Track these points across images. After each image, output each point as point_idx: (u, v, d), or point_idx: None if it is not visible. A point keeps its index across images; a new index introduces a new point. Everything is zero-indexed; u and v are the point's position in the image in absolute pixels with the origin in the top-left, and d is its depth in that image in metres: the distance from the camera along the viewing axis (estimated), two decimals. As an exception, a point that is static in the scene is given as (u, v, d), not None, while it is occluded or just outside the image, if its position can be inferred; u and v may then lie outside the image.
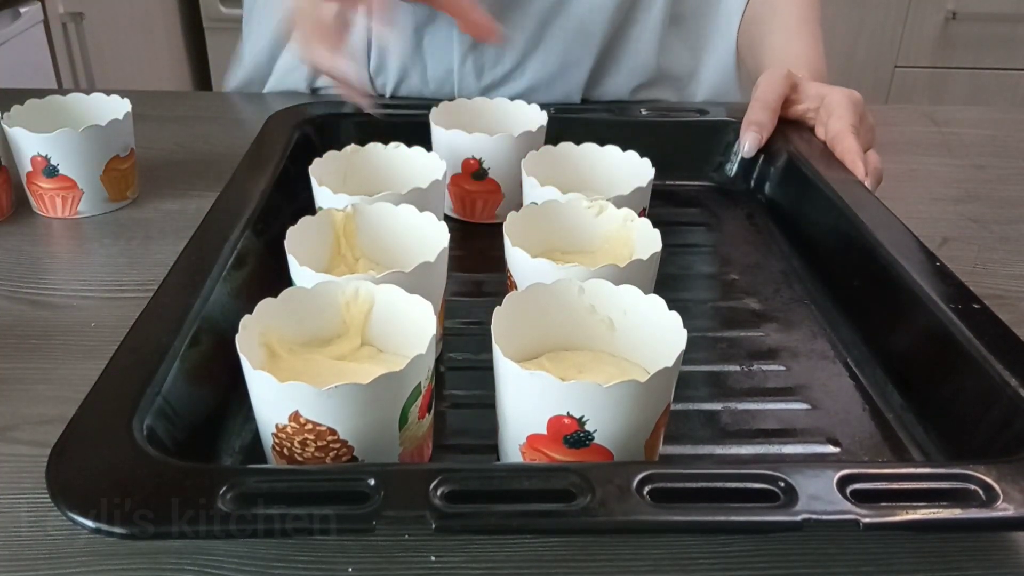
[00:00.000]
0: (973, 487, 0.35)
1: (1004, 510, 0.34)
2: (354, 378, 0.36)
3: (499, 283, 0.53)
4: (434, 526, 0.33)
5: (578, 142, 0.62)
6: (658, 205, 0.63)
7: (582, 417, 0.37)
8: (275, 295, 0.42)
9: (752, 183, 0.72)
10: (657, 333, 0.42)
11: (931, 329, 0.46)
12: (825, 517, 0.33)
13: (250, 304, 0.41)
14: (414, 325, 0.41)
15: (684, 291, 0.59)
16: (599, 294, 0.44)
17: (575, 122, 0.71)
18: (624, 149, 0.61)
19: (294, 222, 0.48)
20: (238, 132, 0.79)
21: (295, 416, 0.37)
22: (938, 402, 0.45)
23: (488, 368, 0.41)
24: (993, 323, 0.45)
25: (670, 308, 0.42)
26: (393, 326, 0.44)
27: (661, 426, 0.40)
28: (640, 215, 0.55)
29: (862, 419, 0.46)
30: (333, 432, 0.37)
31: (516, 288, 0.48)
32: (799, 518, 0.33)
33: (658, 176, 0.58)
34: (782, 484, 0.35)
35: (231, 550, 0.37)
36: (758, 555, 0.38)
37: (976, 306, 0.46)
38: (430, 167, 0.58)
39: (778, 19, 0.83)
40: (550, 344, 0.45)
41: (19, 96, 0.90)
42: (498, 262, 0.52)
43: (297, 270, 0.45)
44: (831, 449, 0.45)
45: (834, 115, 0.67)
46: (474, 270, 0.60)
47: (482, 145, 0.63)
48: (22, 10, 1.55)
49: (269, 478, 0.36)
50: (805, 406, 0.47)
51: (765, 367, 0.51)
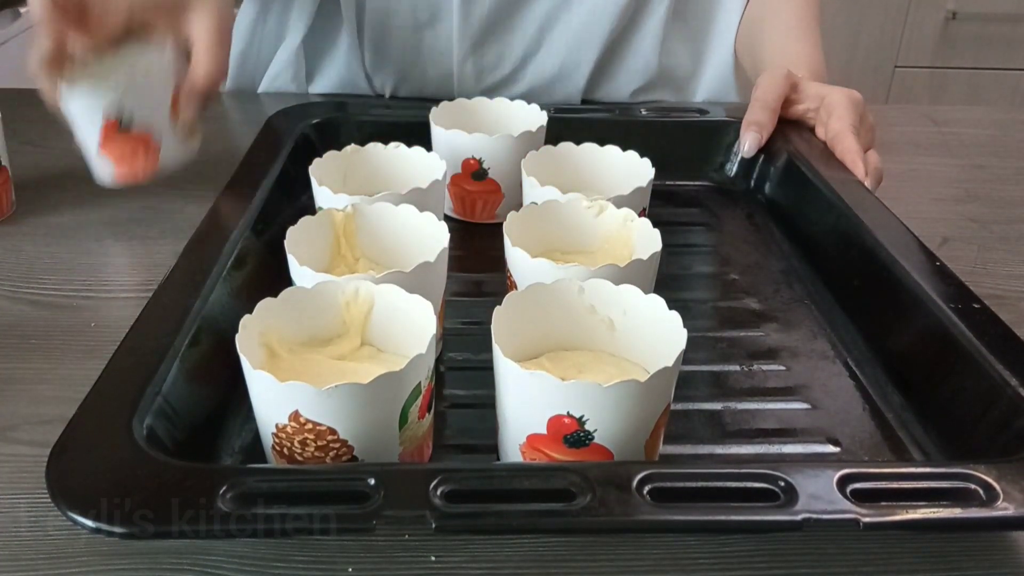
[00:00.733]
0: (973, 487, 0.35)
1: (1004, 510, 0.34)
2: (354, 378, 0.36)
3: (499, 283, 0.53)
4: (434, 526, 0.33)
5: (578, 142, 0.62)
6: (658, 205, 0.63)
7: (582, 417, 0.37)
8: (275, 295, 0.42)
9: (752, 183, 0.72)
10: (657, 333, 0.42)
11: (931, 329, 0.46)
12: (825, 517, 0.33)
13: (250, 304, 0.41)
14: (414, 325, 0.41)
15: (684, 291, 0.59)
16: (599, 294, 0.44)
17: (575, 122, 0.71)
18: (624, 149, 0.61)
19: (294, 222, 0.48)
20: (238, 132, 0.79)
21: (295, 416, 0.37)
22: (938, 402, 0.45)
23: (488, 368, 0.41)
24: (993, 323, 0.45)
25: (670, 308, 0.42)
26: (393, 326, 0.44)
27: (661, 426, 0.40)
28: (640, 215, 0.55)
29: (862, 419, 0.46)
30: (333, 432, 0.37)
31: (516, 288, 0.48)
32: (799, 518, 0.33)
33: (658, 176, 0.58)
34: (782, 484, 0.35)
35: (231, 550, 0.37)
36: (758, 555, 0.38)
37: (976, 306, 0.46)
38: (430, 167, 0.58)
39: (777, 19, 0.83)
40: (550, 344, 0.45)
41: (19, 96, 0.90)
42: (498, 262, 0.52)
43: (297, 270, 0.45)
44: (831, 449, 0.45)
45: (834, 115, 0.67)
46: (474, 270, 0.60)
47: (482, 145, 0.63)
48: (22, 10, 1.55)
49: (269, 478, 0.36)
50: (805, 406, 0.47)
51: (765, 367, 0.51)
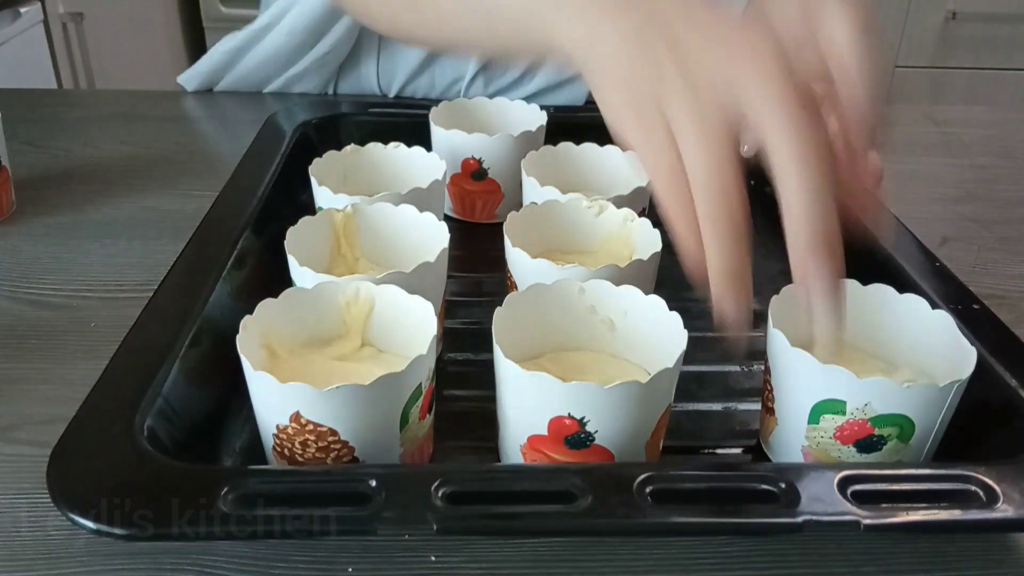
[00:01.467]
0: (973, 488, 0.35)
1: (1004, 511, 0.34)
2: (355, 379, 0.36)
3: (499, 283, 0.53)
4: (435, 527, 0.33)
5: (578, 142, 0.62)
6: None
7: (583, 418, 0.37)
8: (275, 295, 0.42)
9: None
10: (658, 333, 0.42)
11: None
12: (826, 518, 0.34)
13: (250, 304, 0.41)
14: (414, 325, 0.41)
15: (684, 291, 0.58)
16: (599, 294, 0.44)
17: (575, 122, 0.71)
18: (624, 149, 0.61)
19: (294, 222, 0.48)
20: (238, 132, 0.79)
21: (296, 417, 0.37)
22: (938, 402, 0.45)
23: (488, 368, 0.40)
24: (993, 323, 0.45)
25: (670, 308, 0.42)
26: (393, 326, 0.44)
27: (662, 427, 0.40)
28: (640, 215, 0.55)
29: (862, 419, 0.46)
30: (334, 433, 0.37)
31: (516, 288, 0.48)
32: (800, 519, 0.33)
33: (658, 176, 0.58)
34: (783, 485, 0.35)
35: (231, 550, 0.37)
36: (758, 555, 0.38)
37: (976, 306, 0.46)
38: (430, 167, 0.58)
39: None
40: (550, 345, 0.45)
41: (19, 96, 0.90)
42: (498, 262, 0.52)
43: (297, 270, 0.45)
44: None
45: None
46: (474, 270, 0.60)
47: (482, 145, 0.63)
48: (22, 10, 1.54)
49: (270, 479, 0.36)
50: (805, 406, 0.47)
51: (765, 367, 0.50)
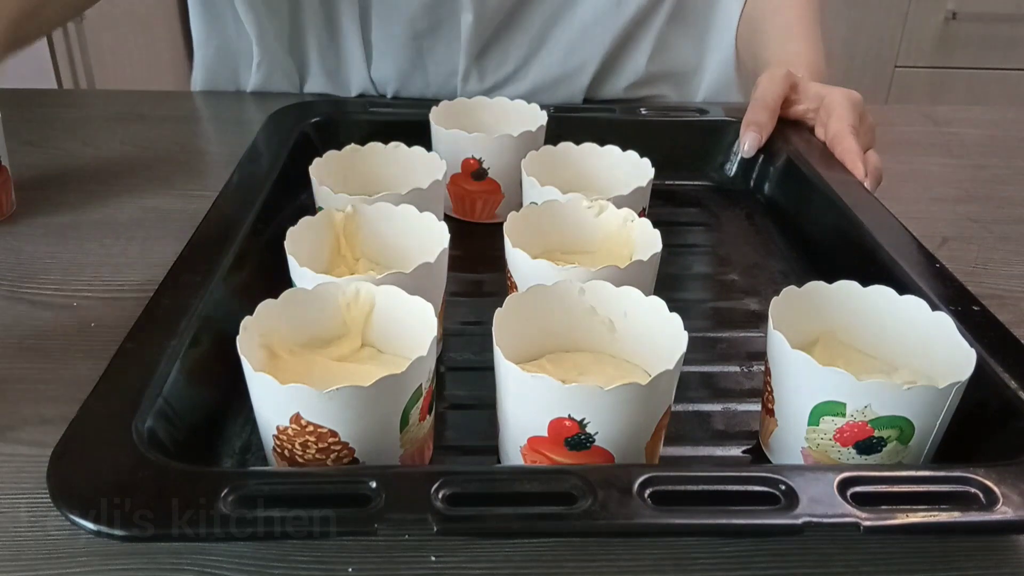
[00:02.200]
0: (973, 490, 0.35)
1: (1004, 513, 0.34)
2: (355, 379, 0.36)
3: (499, 283, 0.53)
4: (436, 529, 0.33)
5: (578, 142, 0.62)
6: (658, 205, 0.63)
7: (583, 419, 0.37)
8: (275, 295, 0.42)
9: (752, 183, 0.72)
10: (658, 335, 0.42)
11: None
12: (826, 520, 0.34)
13: (250, 304, 0.41)
14: (415, 326, 0.41)
15: (684, 291, 0.59)
16: (599, 295, 0.44)
17: (575, 122, 0.71)
18: (624, 149, 0.61)
19: (294, 222, 0.48)
20: (238, 132, 0.79)
21: (296, 418, 0.37)
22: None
23: (488, 368, 0.40)
24: (993, 325, 0.45)
25: (670, 309, 0.42)
26: (394, 327, 0.43)
27: (662, 428, 0.40)
28: (640, 215, 0.55)
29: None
30: (334, 434, 0.37)
31: (516, 289, 0.48)
32: (799, 521, 0.33)
33: (658, 176, 0.58)
34: (783, 487, 0.35)
35: (231, 550, 0.37)
36: (758, 555, 0.38)
37: (976, 308, 0.46)
38: (430, 167, 0.58)
39: (778, 19, 0.83)
40: (551, 346, 0.45)
41: (19, 96, 0.90)
42: (498, 262, 0.52)
43: (297, 271, 0.45)
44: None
45: (834, 115, 0.67)
46: (474, 270, 0.60)
47: (482, 145, 0.63)
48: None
49: (270, 480, 0.36)
50: (805, 407, 0.47)
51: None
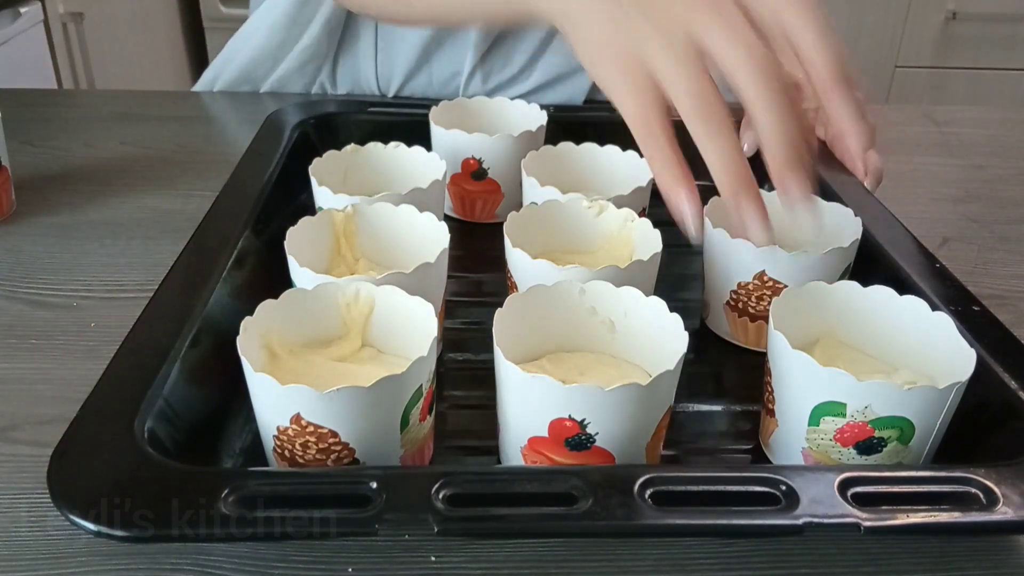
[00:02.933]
0: (973, 491, 0.35)
1: (1004, 513, 0.34)
2: (355, 380, 0.36)
3: (499, 283, 0.53)
4: (436, 529, 0.33)
5: (578, 142, 0.62)
6: (658, 205, 0.62)
7: (584, 420, 0.37)
8: (275, 295, 0.42)
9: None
10: (658, 335, 0.42)
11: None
12: (826, 520, 0.34)
13: (250, 305, 0.41)
14: (415, 327, 0.41)
15: (684, 291, 0.59)
16: (600, 295, 0.44)
17: (575, 122, 0.71)
18: (624, 149, 0.61)
19: (294, 222, 0.48)
20: (238, 132, 0.79)
21: (296, 418, 0.37)
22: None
23: (488, 369, 0.40)
24: (993, 325, 0.45)
25: (671, 309, 0.42)
26: (394, 328, 0.43)
27: (663, 429, 0.40)
28: (640, 215, 0.55)
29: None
30: (335, 434, 0.37)
31: (516, 289, 0.48)
32: (800, 521, 0.33)
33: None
34: (783, 487, 0.35)
35: (231, 550, 0.37)
36: (758, 555, 0.38)
37: (976, 308, 0.46)
38: (430, 167, 0.58)
39: None
40: (551, 346, 0.45)
41: (19, 96, 0.90)
42: (498, 262, 0.52)
43: (297, 271, 0.45)
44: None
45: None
46: (474, 270, 0.60)
47: (482, 145, 0.63)
48: (22, 10, 1.54)
49: (270, 481, 0.36)
50: (805, 407, 0.47)
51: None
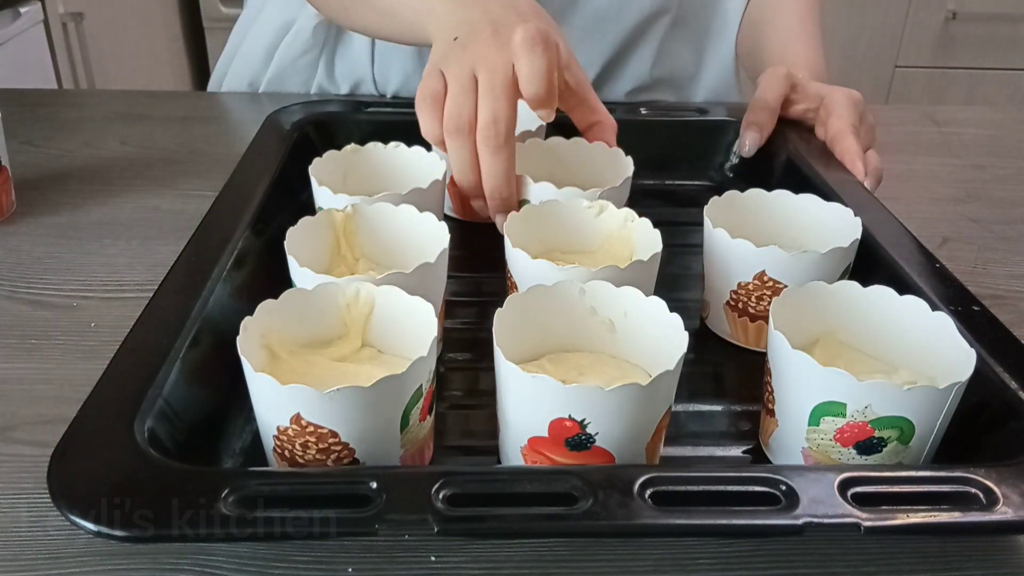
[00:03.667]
0: (973, 490, 0.35)
1: (1004, 513, 0.34)
2: (355, 380, 0.36)
3: (499, 283, 0.53)
4: (436, 530, 0.33)
5: (569, 138, 0.62)
6: (658, 205, 0.63)
7: (584, 420, 0.37)
8: (275, 295, 0.42)
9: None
10: (658, 335, 0.42)
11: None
12: (826, 520, 0.34)
13: (250, 305, 0.41)
14: (415, 327, 0.41)
15: (684, 291, 0.59)
16: (600, 296, 0.44)
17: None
18: (625, 149, 0.60)
19: (294, 222, 0.48)
20: (238, 132, 0.79)
21: (296, 419, 0.37)
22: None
23: (488, 368, 0.40)
24: (993, 325, 0.45)
25: (671, 309, 0.42)
26: (394, 328, 0.43)
27: (662, 428, 0.40)
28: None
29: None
30: (335, 435, 0.37)
31: (516, 289, 0.48)
32: (800, 521, 0.33)
33: (658, 176, 0.58)
34: (783, 487, 0.35)
35: (231, 550, 0.37)
36: (758, 555, 0.38)
37: (976, 308, 0.46)
38: (430, 167, 0.58)
39: (778, 20, 0.82)
40: (551, 346, 0.45)
41: (19, 96, 0.90)
42: (498, 262, 0.52)
43: (297, 271, 0.45)
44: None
45: (834, 115, 0.67)
46: (474, 270, 0.60)
47: (482, 145, 0.63)
48: (22, 10, 1.54)
49: (270, 481, 0.36)
50: (805, 407, 0.47)
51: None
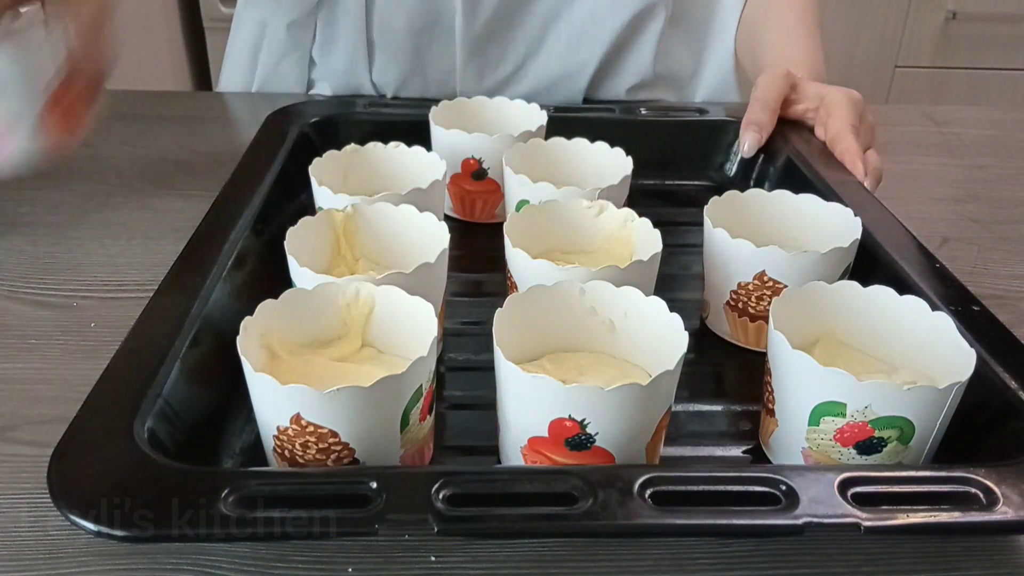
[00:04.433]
0: (973, 490, 0.35)
1: (1004, 513, 0.34)
2: (355, 380, 0.36)
3: (499, 283, 0.53)
4: (436, 529, 0.33)
5: (569, 138, 0.62)
6: (658, 205, 0.63)
7: (584, 420, 0.37)
8: (275, 296, 0.42)
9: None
10: (658, 335, 0.42)
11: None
12: (826, 520, 0.34)
13: (250, 305, 0.41)
14: (415, 327, 0.41)
15: (684, 291, 0.59)
16: (600, 296, 0.44)
17: (575, 121, 0.71)
18: (625, 149, 0.60)
19: (294, 222, 0.48)
20: (238, 132, 0.79)
21: (296, 418, 0.37)
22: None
23: (488, 368, 0.41)
24: (993, 325, 0.45)
25: (670, 309, 0.42)
26: (394, 328, 0.43)
27: (662, 428, 0.40)
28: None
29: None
30: (335, 434, 0.37)
31: (516, 289, 0.48)
32: (800, 521, 0.33)
33: (658, 176, 0.58)
34: (783, 487, 0.35)
35: (231, 550, 0.37)
36: (758, 555, 0.38)
37: (975, 308, 0.46)
38: (430, 167, 0.58)
39: (777, 20, 0.82)
40: (551, 346, 0.45)
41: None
42: (498, 262, 0.52)
43: (297, 271, 0.45)
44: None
45: (834, 115, 0.67)
46: (474, 270, 0.60)
47: (482, 145, 0.63)
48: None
49: (271, 481, 0.36)
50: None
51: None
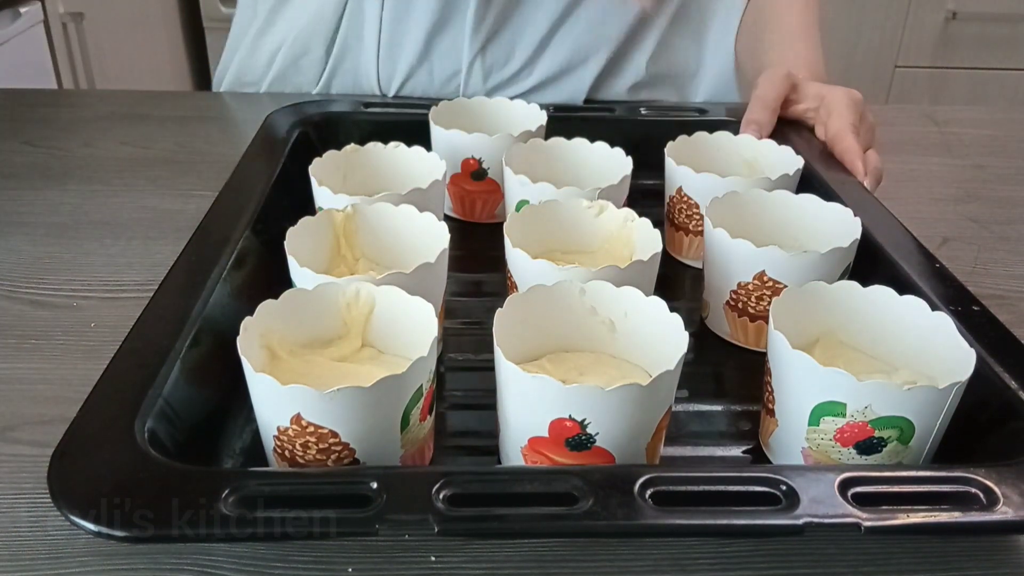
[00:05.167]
0: (973, 490, 0.35)
1: (1004, 513, 0.34)
2: (355, 380, 0.36)
3: (499, 283, 0.53)
4: (437, 530, 0.33)
5: (569, 138, 0.62)
6: (658, 205, 0.63)
7: (584, 420, 0.37)
8: (275, 296, 0.42)
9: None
10: (658, 335, 0.42)
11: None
12: (826, 520, 0.33)
13: (250, 305, 0.41)
14: (415, 327, 0.41)
15: (684, 292, 0.59)
16: (600, 296, 0.44)
17: (575, 121, 0.71)
18: (625, 149, 0.60)
19: (294, 222, 0.48)
20: (238, 132, 0.79)
21: (297, 419, 0.37)
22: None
23: (488, 368, 0.41)
24: (993, 325, 0.45)
25: (671, 309, 0.42)
26: (394, 328, 0.43)
27: (663, 428, 0.40)
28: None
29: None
30: (335, 435, 0.37)
31: (516, 289, 0.48)
32: (800, 521, 0.33)
33: (658, 176, 0.58)
34: (783, 487, 0.35)
35: (231, 550, 0.37)
36: (758, 555, 0.38)
37: (975, 308, 0.46)
38: (430, 167, 0.58)
39: (778, 21, 0.82)
40: (551, 346, 0.45)
41: (19, 96, 0.90)
42: (498, 262, 0.52)
43: (297, 271, 0.45)
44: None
45: (834, 115, 0.67)
46: (474, 270, 0.60)
47: (482, 145, 0.63)
48: (22, 10, 1.54)
49: (271, 481, 0.36)
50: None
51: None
